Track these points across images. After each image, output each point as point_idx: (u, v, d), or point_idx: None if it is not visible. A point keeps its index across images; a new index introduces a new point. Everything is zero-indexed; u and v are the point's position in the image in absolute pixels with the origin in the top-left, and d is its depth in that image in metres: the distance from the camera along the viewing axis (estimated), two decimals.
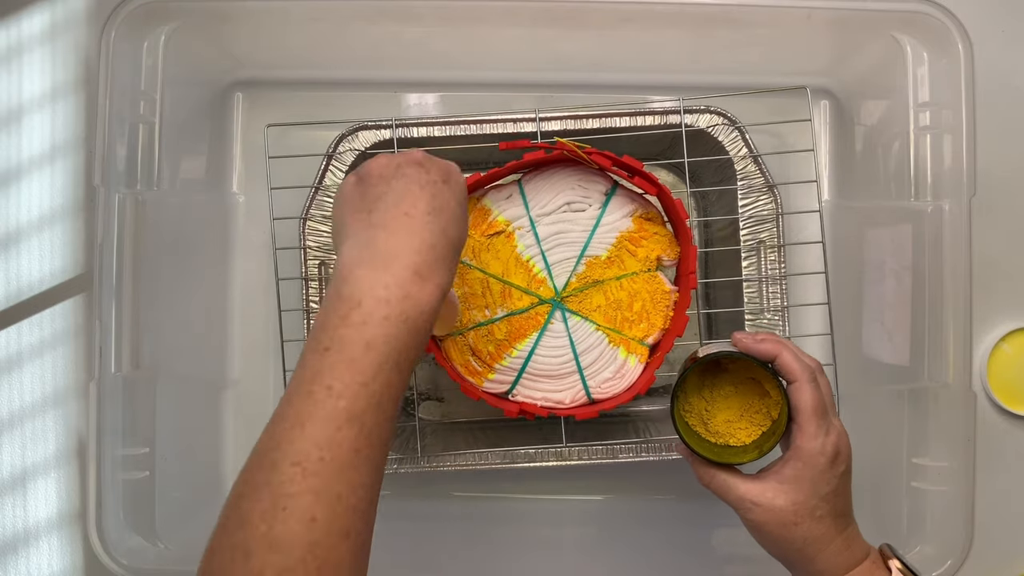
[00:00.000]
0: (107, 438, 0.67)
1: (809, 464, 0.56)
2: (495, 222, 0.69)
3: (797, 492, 0.56)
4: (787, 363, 0.58)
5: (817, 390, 0.57)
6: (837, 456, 0.57)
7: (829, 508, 0.56)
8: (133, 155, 0.69)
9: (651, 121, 0.73)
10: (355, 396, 0.46)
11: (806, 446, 0.56)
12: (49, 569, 0.78)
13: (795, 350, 0.59)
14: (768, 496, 0.56)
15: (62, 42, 0.80)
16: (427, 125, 0.73)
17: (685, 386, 0.62)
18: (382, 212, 0.50)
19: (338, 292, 0.48)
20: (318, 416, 0.45)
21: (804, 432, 0.56)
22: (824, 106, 0.81)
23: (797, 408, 0.57)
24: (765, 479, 0.57)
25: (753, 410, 0.62)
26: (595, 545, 0.79)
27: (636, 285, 0.68)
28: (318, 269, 0.73)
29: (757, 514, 0.56)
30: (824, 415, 0.57)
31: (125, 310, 0.68)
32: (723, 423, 0.62)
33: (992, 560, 0.78)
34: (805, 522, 0.56)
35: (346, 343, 0.47)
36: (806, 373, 0.57)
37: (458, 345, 0.69)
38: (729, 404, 0.62)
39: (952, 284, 0.68)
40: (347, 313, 0.47)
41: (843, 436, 0.58)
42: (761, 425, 0.61)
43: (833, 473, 0.56)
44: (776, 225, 0.73)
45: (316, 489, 0.44)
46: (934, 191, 0.70)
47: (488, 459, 0.72)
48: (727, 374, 0.63)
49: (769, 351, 0.58)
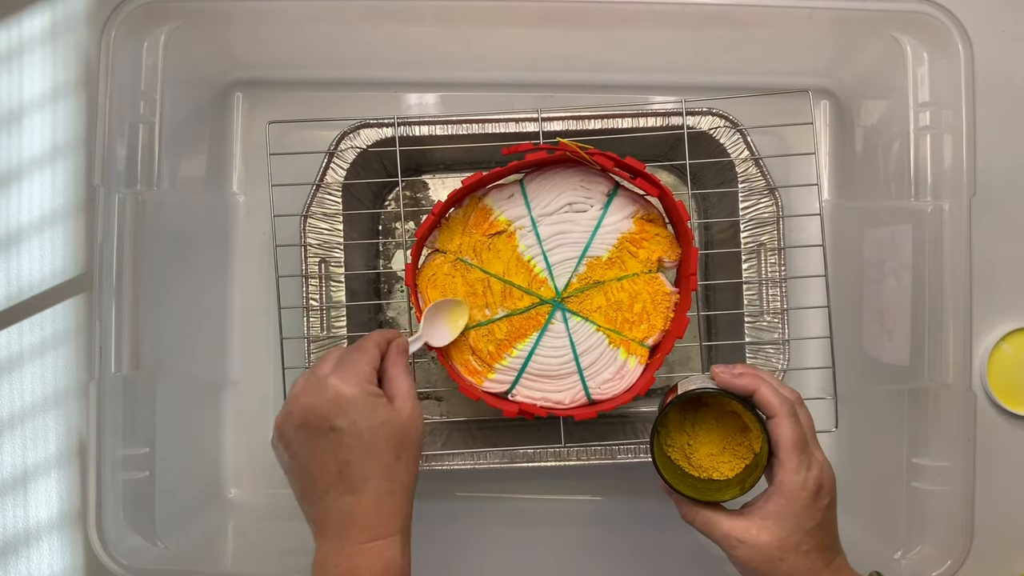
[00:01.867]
0: (107, 438, 0.67)
1: (792, 499, 0.55)
2: (496, 222, 0.68)
3: (781, 528, 0.55)
4: (765, 398, 0.57)
5: (797, 424, 0.57)
6: (820, 490, 0.56)
7: (815, 542, 0.56)
8: (133, 155, 0.69)
9: (653, 123, 0.73)
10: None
11: (788, 481, 0.56)
12: (50, 569, 0.78)
13: (774, 383, 0.59)
14: (752, 533, 0.56)
15: (62, 42, 0.80)
16: (429, 123, 0.73)
17: (667, 422, 0.62)
18: (307, 498, 0.55)
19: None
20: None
21: (785, 467, 0.56)
22: (824, 106, 0.81)
23: (777, 443, 0.56)
24: (749, 515, 0.57)
25: (736, 443, 0.61)
26: (593, 545, 0.79)
27: (637, 286, 0.68)
28: (318, 267, 0.73)
29: (742, 551, 0.56)
30: (805, 449, 0.56)
31: (125, 310, 0.68)
32: (706, 457, 0.62)
33: (992, 560, 0.78)
34: (791, 557, 0.55)
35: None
36: (785, 407, 0.57)
37: (458, 344, 0.69)
38: (711, 438, 0.62)
39: (952, 284, 0.68)
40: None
41: (826, 468, 0.57)
42: (744, 458, 0.61)
43: (817, 507, 0.56)
44: (777, 228, 0.73)
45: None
46: (934, 191, 0.70)
47: (487, 459, 0.72)
48: (708, 408, 0.62)
49: (747, 386, 0.58)
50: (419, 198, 0.83)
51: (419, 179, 0.83)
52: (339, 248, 0.74)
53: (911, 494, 0.71)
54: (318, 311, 0.73)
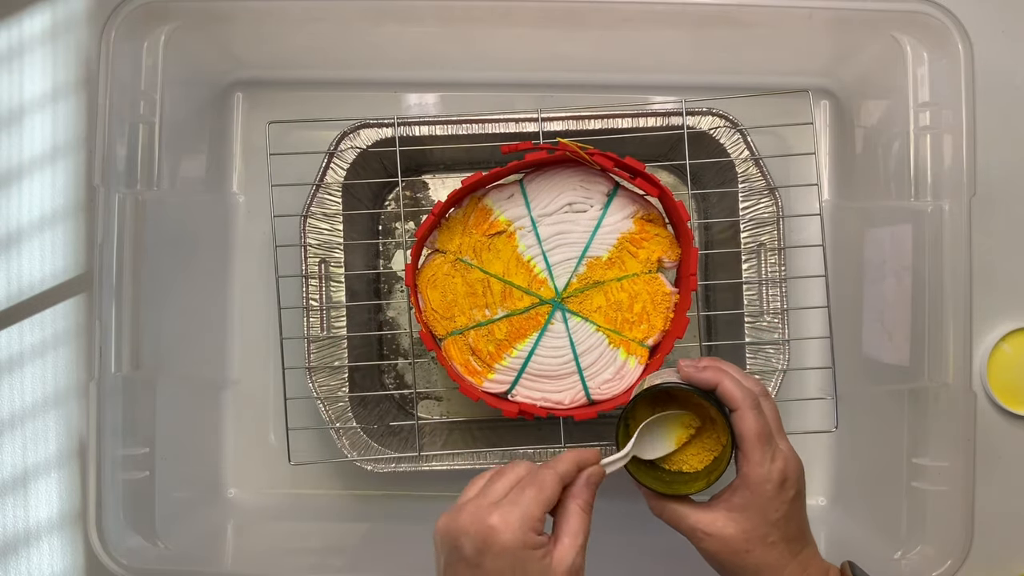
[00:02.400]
0: (107, 438, 0.67)
1: (756, 491, 0.55)
2: (496, 222, 0.69)
3: (746, 520, 0.55)
4: (728, 391, 0.57)
5: (760, 416, 0.57)
6: (784, 482, 0.56)
7: (780, 534, 0.56)
8: (133, 155, 0.69)
9: (653, 123, 0.73)
10: None
11: (752, 473, 0.56)
12: (50, 569, 0.78)
13: (737, 376, 0.58)
14: (718, 525, 0.56)
15: (63, 42, 0.80)
16: (429, 124, 0.73)
17: (635, 415, 0.62)
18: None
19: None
20: None
21: (749, 460, 0.56)
22: (824, 106, 0.81)
23: (741, 436, 0.56)
24: (715, 508, 0.57)
25: (704, 435, 0.61)
26: (592, 545, 0.79)
27: (637, 286, 0.68)
28: (318, 267, 0.73)
29: (709, 544, 0.56)
30: (769, 441, 0.56)
31: (125, 310, 0.68)
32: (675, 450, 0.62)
33: (992, 560, 0.78)
34: (757, 549, 0.55)
35: None
36: (748, 400, 0.57)
37: (458, 345, 0.69)
38: (678, 431, 0.62)
39: (952, 284, 0.68)
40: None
41: (791, 460, 0.57)
42: (713, 450, 0.61)
43: (782, 499, 0.56)
44: (776, 228, 0.73)
45: None
46: (934, 191, 0.70)
47: (487, 459, 0.72)
48: (676, 402, 0.62)
49: (709, 379, 0.58)
50: (419, 198, 0.83)
51: (419, 179, 0.83)
52: (339, 248, 0.74)
53: (911, 494, 0.71)
54: (318, 311, 0.73)
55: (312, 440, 0.77)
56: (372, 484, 0.79)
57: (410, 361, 0.77)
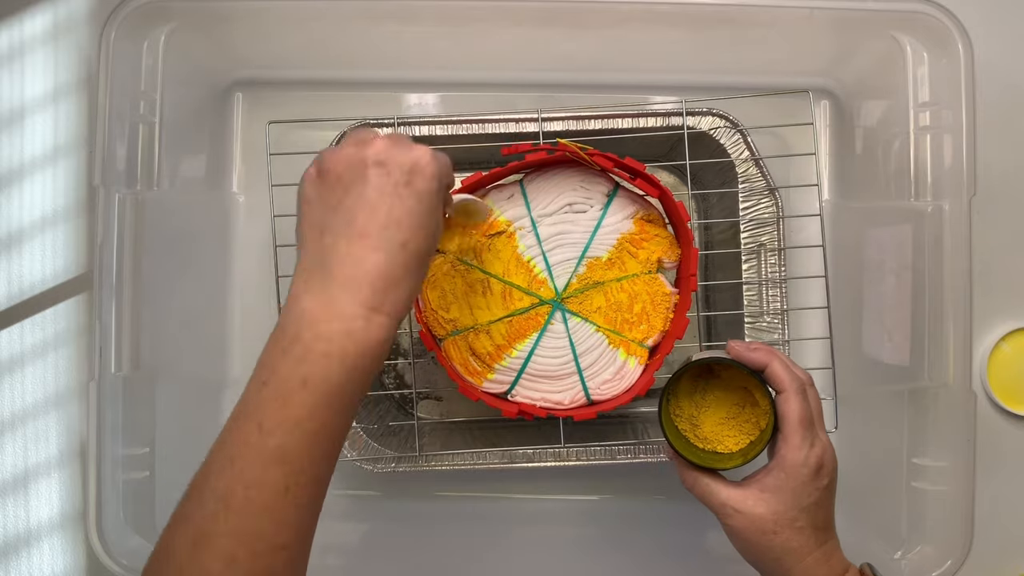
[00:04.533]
0: (107, 438, 0.67)
1: (792, 475, 0.56)
2: (496, 222, 0.68)
3: (778, 502, 0.56)
4: (777, 373, 0.58)
5: (805, 402, 0.57)
6: (820, 469, 0.57)
7: (809, 520, 0.56)
8: (133, 155, 0.69)
9: (653, 123, 0.73)
10: (287, 434, 0.45)
11: (790, 456, 0.56)
12: (51, 569, 0.78)
13: (787, 361, 0.59)
14: (749, 503, 0.56)
15: (63, 43, 0.80)
16: (429, 123, 0.73)
17: (677, 389, 0.62)
18: (335, 232, 0.48)
19: (282, 324, 0.47)
20: (248, 454, 0.45)
21: (789, 443, 0.56)
22: (824, 106, 0.81)
23: (783, 418, 0.57)
24: (747, 486, 0.57)
25: (742, 419, 0.62)
26: (592, 545, 0.79)
27: (637, 287, 0.68)
28: None
29: (737, 520, 0.57)
30: (810, 427, 0.57)
31: (125, 310, 0.68)
32: (711, 429, 0.62)
33: (992, 560, 0.78)
34: (784, 532, 0.56)
35: (283, 378, 0.46)
36: (795, 384, 0.57)
37: (458, 345, 0.69)
38: (719, 411, 0.63)
39: (952, 284, 0.69)
40: (287, 347, 0.46)
41: (828, 450, 0.58)
42: (750, 434, 0.61)
43: (815, 485, 0.56)
44: (777, 228, 0.73)
45: (237, 530, 0.44)
46: (934, 191, 0.70)
47: (486, 459, 0.72)
48: (719, 381, 0.63)
49: (760, 360, 0.59)
50: None
51: None
52: None
53: (911, 494, 0.71)
54: None
55: None
56: (372, 484, 0.79)
57: (410, 361, 0.77)
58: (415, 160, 0.49)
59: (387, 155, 0.49)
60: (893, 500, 0.72)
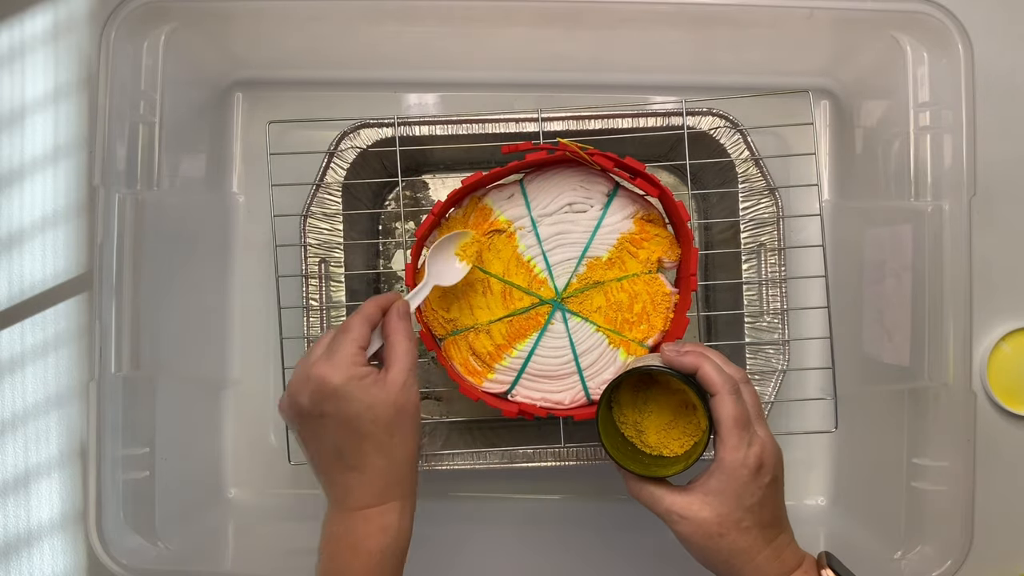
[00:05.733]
0: (107, 438, 0.67)
1: (732, 476, 0.56)
2: (496, 222, 0.69)
3: (721, 504, 0.56)
4: (708, 375, 0.57)
5: (739, 402, 0.57)
6: (761, 467, 0.56)
7: (755, 519, 0.56)
8: (133, 155, 0.69)
9: (653, 123, 0.73)
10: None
11: (728, 458, 0.56)
12: (51, 569, 0.78)
13: (718, 361, 0.59)
14: (694, 508, 0.56)
15: (64, 43, 0.80)
16: (429, 124, 0.73)
17: (619, 397, 0.62)
18: (318, 470, 0.58)
19: (322, 548, 0.59)
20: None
21: (726, 444, 0.56)
22: (824, 106, 0.81)
23: (718, 421, 0.57)
24: (691, 491, 0.57)
25: (685, 421, 0.62)
26: (593, 545, 0.79)
27: (637, 287, 0.68)
28: (318, 267, 0.73)
29: (683, 526, 0.56)
30: (746, 427, 0.57)
31: (125, 310, 0.68)
32: (656, 434, 0.62)
33: (992, 560, 0.78)
34: (730, 534, 0.56)
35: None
36: (727, 385, 0.57)
37: (458, 344, 0.69)
38: (662, 416, 0.62)
39: (952, 284, 0.68)
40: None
41: (768, 446, 0.57)
42: (693, 436, 0.61)
43: (757, 484, 0.56)
44: (777, 228, 0.73)
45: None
46: (934, 191, 0.70)
47: (486, 459, 0.72)
48: (660, 386, 0.63)
49: (690, 364, 0.58)
50: (419, 198, 0.83)
51: (419, 179, 0.83)
52: (339, 248, 0.74)
53: (911, 494, 0.71)
54: (318, 311, 0.73)
55: None
56: None
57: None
58: (313, 388, 0.56)
59: (293, 396, 0.57)
60: (893, 500, 0.72)
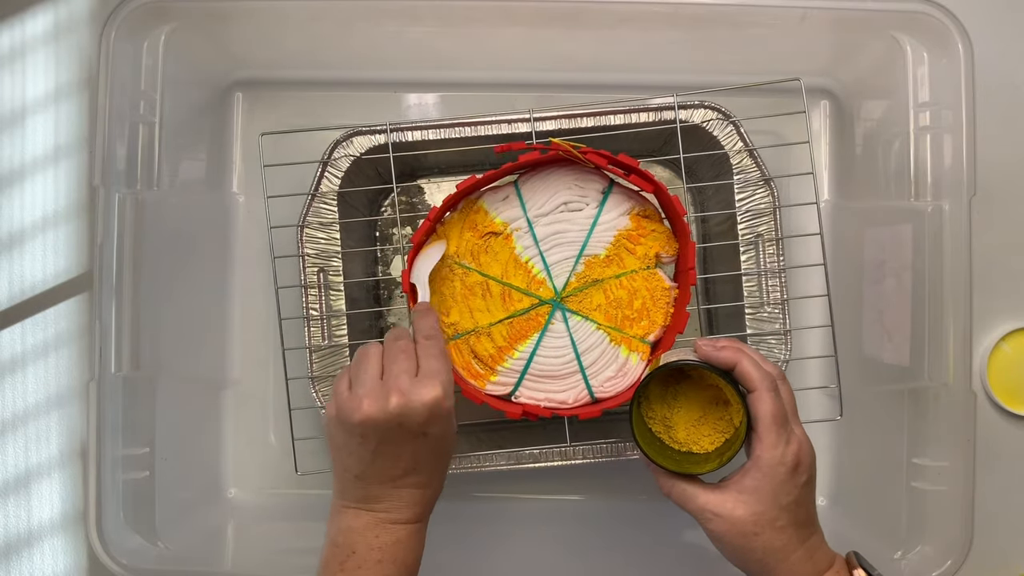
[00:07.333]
0: (107, 438, 0.67)
1: (769, 474, 0.55)
2: (492, 224, 0.68)
3: (757, 503, 0.55)
4: (746, 371, 0.57)
5: (777, 399, 0.56)
6: (798, 466, 0.56)
7: (790, 518, 0.55)
8: (133, 155, 0.69)
9: (646, 118, 0.73)
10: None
11: (766, 456, 0.55)
12: (52, 569, 0.78)
13: (756, 358, 0.58)
14: (728, 507, 0.55)
15: (64, 43, 0.80)
16: (422, 128, 0.73)
17: (648, 393, 0.62)
18: (369, 479, 0.57)
19: (332, 537, 0.58)
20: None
21: (763, 442, 0.55)
22: (824, 106, 0.81)
23: (756, 417, 0.56)
24: (726, 489, 0.56)
25: (716, 417, 0.61)
26: (601, 544, 0.79)
27: (636, 283, 0.68)
28: (317, 276, 0.73)
29: (717, 525, 0.56)
30: (784, 424, 0.56)
31: (125, 310, 0.68)
32: (686, 430, 0.61)
33: (992, 560, 0.78)
34: (766, 532, 0.55)
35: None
36: (766, 381, 0.56)
37: (459, 348, 0.69)
38: (692, 412, 0.62)
39: (952, 284, 0.68)
40: (344, 560, 0.57)
41: (804, 445, 0.57)
42: (724, 432, 0.61)
43: (794, 483, 0.56)
44: (774, 218, 0.73)
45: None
46: (934, 191, 0.70)
47: (493, 461, 0.72)
48: (690, 381, 0.62)
49: (728, 359, 0.58)
50: (415, 203, 0.83)
51: (414, 184, 0.82)
52: (337, 257, 0.73)
53: (911, 494, 0.71)
54: (319, 320, 0.73)
55: (316, 445, 0.77)
56: None
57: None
58: (430, 408, 0.55)
59: (401, 412, 0.55)
60: (893, 500, 0.72)
